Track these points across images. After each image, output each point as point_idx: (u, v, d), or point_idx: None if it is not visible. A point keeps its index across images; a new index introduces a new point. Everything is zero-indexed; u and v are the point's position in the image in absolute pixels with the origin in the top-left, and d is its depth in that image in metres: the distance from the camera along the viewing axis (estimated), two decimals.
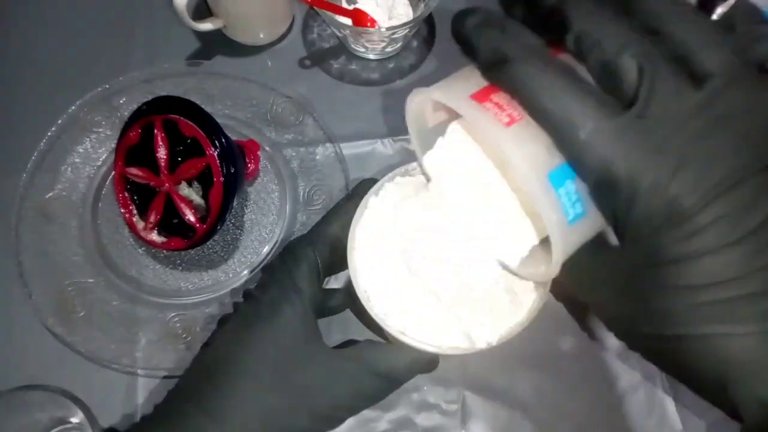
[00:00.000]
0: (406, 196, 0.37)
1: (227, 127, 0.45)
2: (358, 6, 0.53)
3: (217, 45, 0.55)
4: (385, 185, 0.37)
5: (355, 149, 0.50)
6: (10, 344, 0.44)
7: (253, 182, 0.49)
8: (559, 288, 0.30)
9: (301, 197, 0.48)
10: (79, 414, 0.39)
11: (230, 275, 0.46)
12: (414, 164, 0.38)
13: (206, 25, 0.52)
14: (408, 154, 0.50)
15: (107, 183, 0.49)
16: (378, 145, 0.51)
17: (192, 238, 0.43)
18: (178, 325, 0.44)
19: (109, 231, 0.47)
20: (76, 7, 0.57)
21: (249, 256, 0.47)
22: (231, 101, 0.51)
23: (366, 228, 0.36)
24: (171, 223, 0.44)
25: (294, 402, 0.31)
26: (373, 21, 0.52)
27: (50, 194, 0.47)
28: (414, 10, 0.53)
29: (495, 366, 0.43)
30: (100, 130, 0.50)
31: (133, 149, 0.44)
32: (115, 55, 0.54)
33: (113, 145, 0.46)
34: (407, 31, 0.50)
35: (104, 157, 0.49)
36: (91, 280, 0.45)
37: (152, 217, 0.44)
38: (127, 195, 0.45)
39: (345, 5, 0.54)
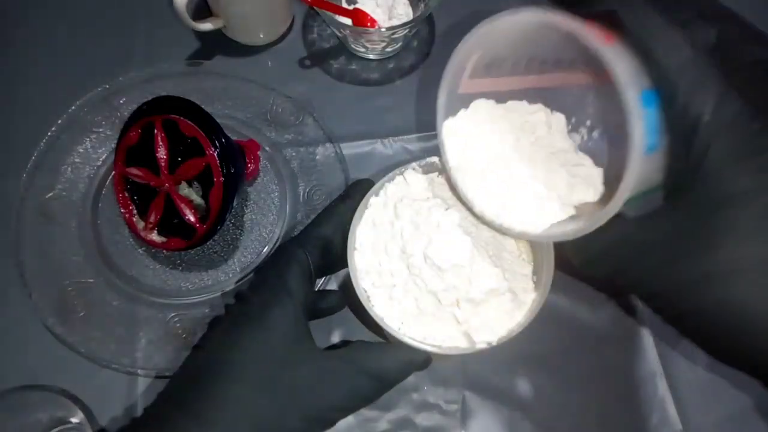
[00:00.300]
0: (406, 196, 0.37)
1: (227, 127, 0.45)
2: (358, 6, 0.53)
3: (218, 45, 0.55)
4: (385, 185, 0.37)
5: (355, 149, 0.50)
6: (10, 344, 0.44)
7: (253, 182, 0.49)
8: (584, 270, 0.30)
9: (301, 197, 0.48)
10: (79, 414, 0.39)
11: (230, 275, 0.46)
12: (414, 164, 0.38)
13: (206, 25, 0.52)
14: (408, 154, 0.50)
15: (107, 183, 0.49)
16: (378, 145, 0.51)
17: (192, 238, 0.43)
18: (178, 325, 0.44)
19: (109, 231, 0.47)
20: (76, 7, 0.57)
21: (249, 256, 0.47)
22: (231, 101, 0.51)
23: (366, 228, 0.36)
24: (171, 223, 0.44)
25: (284, 404, 0.30)
26: (373, 21, 0.52)
27: (50, 194, 0.47)
28: (414, 10, 0.54)
29: (495, 366, 0.43)
30: (100, 130, 0.50)
31: (133, 149, 0.44)
32: (115, 55, 0.54)
33: (113, 145, 0.47)
34: (407, 31, 0.50)
35: (104, 157, 0.49)
36: (91, 280, 0.45)
37: (152, 217, 0.44)
38: (127, 195, 0.45)
39: (345, 5, 0.54)
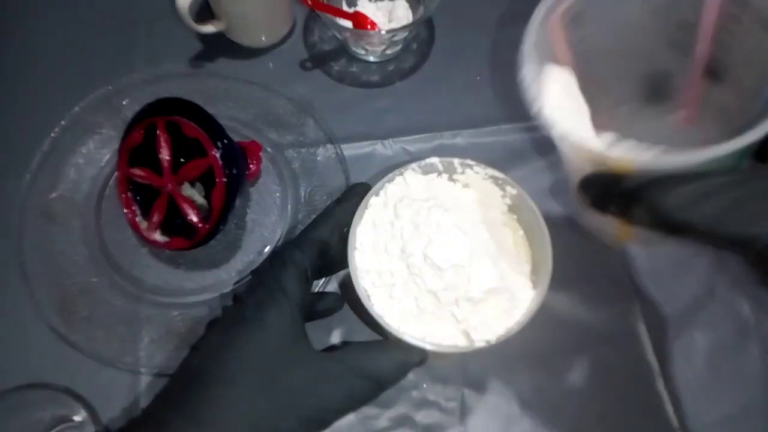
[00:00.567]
0: (406, 196, 0.37)
1: (229, 128, 0.45)
2: (358, 9, 0.54)
3: (219, 47, 0.55)
4: (385, 186, 0.37)
5: (356, 150, 0.50)
6: (13, 343, 0.44)
7: (254, 183, 0.49)
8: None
9: (302, 198, 0.49)
10: (82, 412, 0.39)
11: (232, 275, 0.46)
12: (414, 165, 0.38)
13: (208, 28, 0.52)
14: (408, 155, 0.51)
15: (110, 183, 0.49)
16: (378, 146, 0.51)
17: (194, 238, 0.43)
18: (181, 324, 0.44)
19: (112, 231, 0.47)
20: (79, 9, 0.57)
21: (251, 255, 0.47)
22: (233, 102, 0.51)
23: (366, 228, 0.36)
24: (173, 224, 0.44)
25: (280, 405, 0.30)
26: (374, 24, 0.53)
27: (53, 195, 0.48)
28: (413, 13, 0.54)
29: (494, 364, 0.43)
30: (103, 131, 0.50)
31: (136, 150, 0.45)
32: (118, 57, 0.55)
33: (116, 146, 0.47)
34: (407, 33, 0.50)
35: (107, 157, 0.50)
36: (94, 280, 0.45)
37: (155, 218, 0.45)
38: (130, 195, 0.46)
39: (345, 8, 0.54)
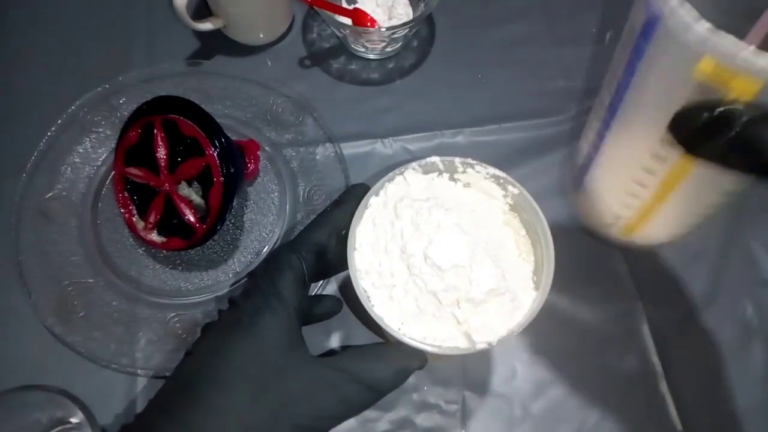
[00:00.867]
0: (407, 196, 0.37)
1: (227, 126, 0.45)
2: (358, 6, 0.53)
3: (217, 45, 0.55)
4: (385, 185, 0.37)
5: (355, 149, 0.50)
6: (10, 344, 0.44)
7: (252, 182, 0.49)
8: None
9: (301, 197, 0.48)
10: (79, 414, 0.39)
11: (230, 275, 0.46)
12: (414, 164, 0.38)
13: (206, 25, 0.52)
14: (408, 153, 0.50)
15: (107, 183, 0.48)
16: (378, 144, 0.50)
17: (192, 238, 0.43)
18: (178, 325, 0.44)
19: (109, 231, 0.47)
20: (76, 7, 0.57)
21: (249, 256, 0.47)
22: (231, 101, 0.51)
23: (366, 228, 0.36)
24: (171, 223, 0.44)
25: (275, 413, 0.30)
26: (373, 21, 0.52)
27: (50, 194, 0.47)
28: (414, 10, 0.53)
29: (495, 366, 0.43)
30: (100, 130, 0.50)
31: (132, 149, 0.44)
32: (114, 55, 0.54)
33: (113, 145, 0.46)
34: (407, 31, 0.50)
35: (104, 157, 0.49)
36: (91, 280, 0.45)
37: (152, 217, 0.44)
38: (126, 195, 0.45)
39: (345, 5, 0.54)
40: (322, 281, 0.44)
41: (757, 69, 0.24)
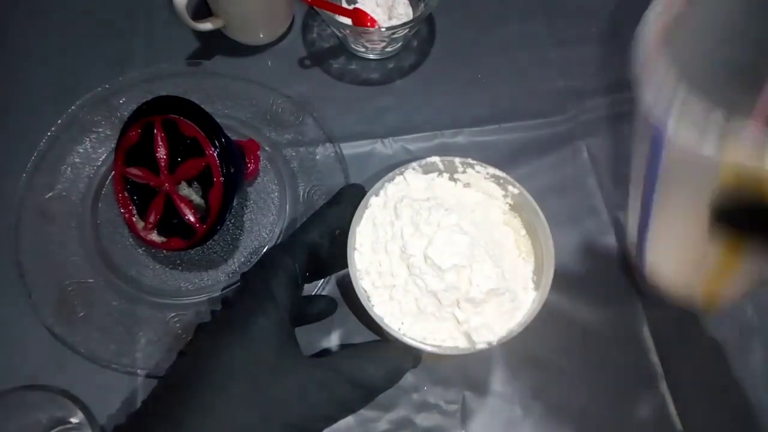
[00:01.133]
0: (407, 196, 0.37)
1: (227, 126, 0.45)
2: (358, 6, 0.53)
3: (217, 45, 0.55)
4: (385, 185, 0.37)
5: (355, 149, 0.50)
6: (10, 344, 0.43)
7: (252, 182, 0.49)
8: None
9: (301, 197, 0.48)
10: (79, 414, 0.39)
11: (230, 275, 0.46)
12: (414, 164, 0.38)
13: (206, 25, 0.52)
14: (408, 153, 0.50)
15: (107, 183, 0.48)
16: (378, 144, 0.50)
17: (192, 238, 0.43)
18: (178, 325, 0.44)
19: (109, 231, 0.47)
20: (76, 7, 0.57)
21: (249, 256, 0.47)
22: (231, 101, 0.51)
23: (366, 228, 0.36)
24: (171, 223, 0.44)
25: (267, 414, 0.30)
26: (373, 21, 0.52)
27: (50, 194, 0.47)
28: (414, 10, 0.53)
29: (495, 366, 0.43)
30: (100, 130, 0.50)
31: (132, 149, 0.44)
32: (114, 55, 0.54)
33: (113, 145, 0.46)
34: (407, 31, 0.50)
35: (104, 157, 0.49)
36: (91, 280, 0.45)
37: (152, 217, 0.44)
38: (126, 195, 0.45)
39: (345, 5, 0.54)
40: (322, 281, 0.44)
41: None
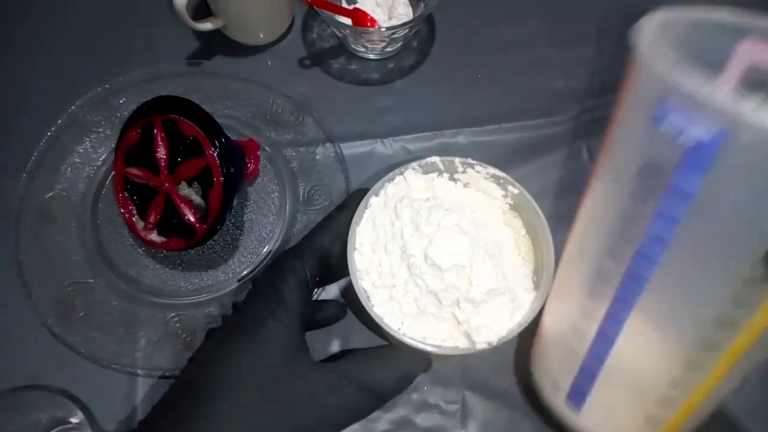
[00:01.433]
0: (407, 196, 0.37)
1: (227, 126, 0.45)
2: (357, 6, 0.53)
3: (217, 45, 0.55)
4: (385, 185, 0.37)
5: (355, 149, 0.50)
6: (10, 344, 0.43)
7: (252, 182, 0.49)
8: None
9: (301, 197, 0.48)
10: (79, 414, 0.39)
11: (230, 275, 0.46)
12: (414, 164, 0.38)
13: (206, 25, 0.52)
14: (408, 153, 0.50)
15: (107, 183, 0.48)
16: (378, 144, 0.50)
17: (192, 238, 0.43)
18: (178, 325, 0.44)
19: (109, 231, 0.47)
20: (76, 7, 0.57)
21: (249, 256, 0.46)
22: (231, 101, 0.51)
23: (366, 228, 0.36)
24: (171, 223, 0.44)
25: (278, 419, 0.30)
26: (373, 21, 0.52)
27: (50, 194, 0.47)
28: (414, 10, 0.53)
29: (495, 366, 0.43)
30: (100, 130, 0.50)
31: (132, 149, 0.44)
32: (114, 55, 0.54)
33: (113, 145, 0.46)
34: (407, 31, 0.50)
35: (104, 157, 0.49)
36: (91, 280, 0.45)
37: (152, 217, 0.44)
38: (126, 195, 0.45)
39: (345, 5, 0.54)
40: (318, 288, 0.44)
41: None
